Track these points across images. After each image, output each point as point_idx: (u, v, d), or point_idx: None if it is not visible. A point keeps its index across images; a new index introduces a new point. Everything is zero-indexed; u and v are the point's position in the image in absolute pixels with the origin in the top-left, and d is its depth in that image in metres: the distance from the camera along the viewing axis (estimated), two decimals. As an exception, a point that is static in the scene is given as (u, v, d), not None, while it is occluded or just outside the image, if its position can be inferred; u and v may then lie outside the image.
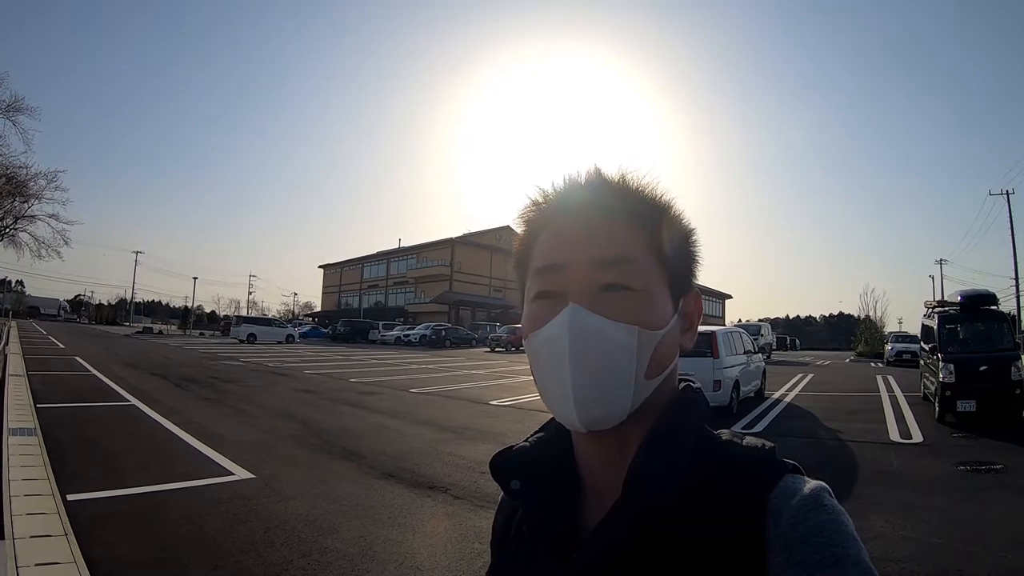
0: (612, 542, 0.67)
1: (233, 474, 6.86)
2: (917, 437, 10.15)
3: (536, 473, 0.78)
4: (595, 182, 0.76)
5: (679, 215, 0.78)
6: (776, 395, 15.90)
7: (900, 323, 64.80)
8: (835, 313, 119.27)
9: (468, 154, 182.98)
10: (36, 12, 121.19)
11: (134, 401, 12.02)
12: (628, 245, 0.71)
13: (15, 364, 16.60)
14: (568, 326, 0.68)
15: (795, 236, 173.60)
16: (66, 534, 4.63)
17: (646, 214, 0.74)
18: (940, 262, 57.01)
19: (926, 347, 13.87)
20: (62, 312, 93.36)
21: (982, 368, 11.34)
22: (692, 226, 0.79)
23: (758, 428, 11.10)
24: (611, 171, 0.76)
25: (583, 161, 0.78)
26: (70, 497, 5.60)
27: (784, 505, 0.63)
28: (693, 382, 0.80)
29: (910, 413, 12.62)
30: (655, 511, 0.65)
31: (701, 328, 0.81)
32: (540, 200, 0.79)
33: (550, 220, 0.76)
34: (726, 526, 0.63)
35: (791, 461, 0.69)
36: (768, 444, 0.71)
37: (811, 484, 0.65)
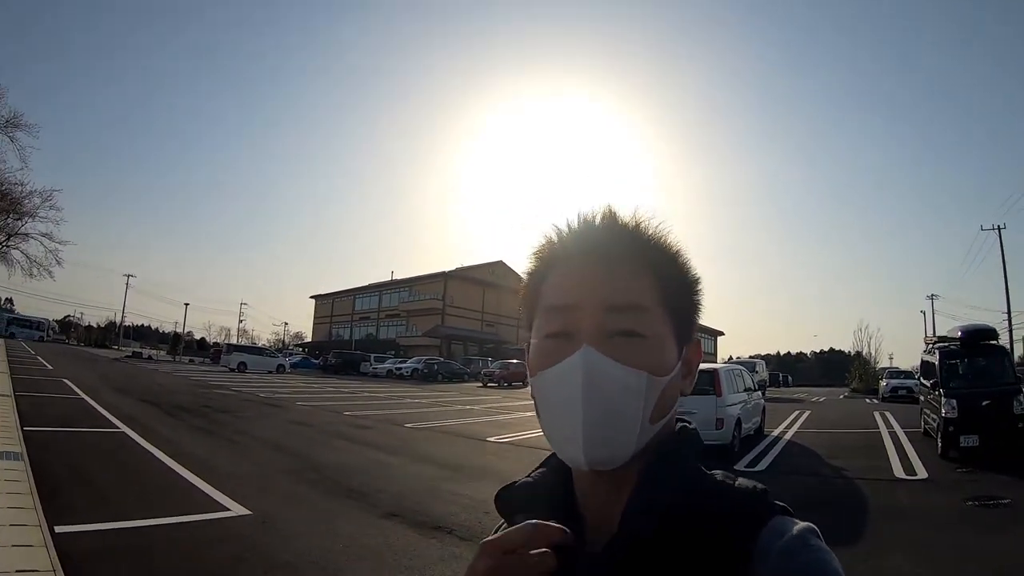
0: None
1: (229, 510, 6.64)
2: (922, 473, 10.05)
3: (538, 507, 0.77)
4: (610, 225, 0.78)
5: (688, 264, 0.80)
6: (776, 432, 15.77)
7: (891, 359, 64.69)
8: (826, 349, 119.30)
9: (463, 188, 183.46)
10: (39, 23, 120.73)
11: (125, 428, 11.77)
12: (641, 293, 0.74)
13: (2, 384, 16.25)
14: (581, 367, 0.69)
15: (783, 272, 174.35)
16: (54, 570, 4.39)
17: (658, 263, 0.77)
18: (931, 297, 57.19)
19: (927, 382, 13.84)
20: (50, 332, 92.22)
21: (984, 403, 11.31)
22: (698, 275, 0.82)
23: (760, 466, 10.97)
24: (624, 214, 0.78)
25: (576, 200, 0.79)
26: (58, 529, 5.34)
27: (771, 545, 0.64)
28: (689, 423, 0.82)
29: (912, 449, 12.52)
30: (647, 547, 0.67)
31: (704, 366, 0.82)
32: (554, 238, 0.80)
33: (563, 259, 0.78)
34: (716, 566, 0.65)
35: (780, 503, 0.71)
36: (760, 486, 0.73)
37: (799, 525, 0.67)
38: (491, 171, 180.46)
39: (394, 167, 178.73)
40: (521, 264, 0.84)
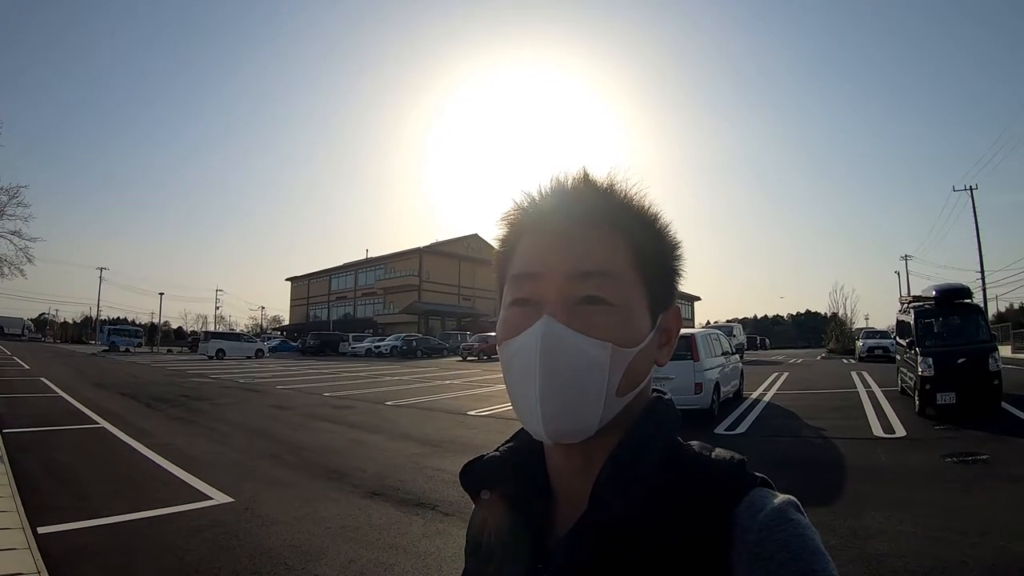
0: (575, 558, 0.67)
1: (211, 498, 6.58)
2: (900, 431, 10.18)
3: (506, 482, 0.77)
4: (581, 187, 0.74)
5: (665, 227, 0.76)
6: (755, 395, 15.91)
7: (867, 319, 65.59)
8: (802, 312, 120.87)
9: (435, 163, 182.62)
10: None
11: (103, 423, 11.63)
12: (609, 258, 0.70)
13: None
14: (540, 338, 0.66)
15: (759, 236, 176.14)
16: (39, 572, 4.33)
17: (630, 226, 0.72)
18: (905, 258, 57.96)
19: (903, 342, 14.01)
20: (26, 331, 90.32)
21: (960, 360, 11.48)
22: (678, 240, 0.77)
23: (740, 429, 11.07)
24: (598, 175, 0.74)
25: (560, 165, 0.75)
26: (41, 530, 5.28)
27: (751, 520, 0.62)
28: (664, 393, 0.79)
29: (889, 408, 12.69)
30: (619, 526, 0.65)
31: (681, 331, 0.78)
32: (524, 203, 0.76)
33: (532, 224, 0.74)
34: (692, 541, 0.63)
35: (760, 474, 0.69)
36: (737, 456, 0.70)
37: (779, 498, 0.65)
38: (461, 144, 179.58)
39: (362, 144, 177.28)
40: (494, 235, 0.82)
